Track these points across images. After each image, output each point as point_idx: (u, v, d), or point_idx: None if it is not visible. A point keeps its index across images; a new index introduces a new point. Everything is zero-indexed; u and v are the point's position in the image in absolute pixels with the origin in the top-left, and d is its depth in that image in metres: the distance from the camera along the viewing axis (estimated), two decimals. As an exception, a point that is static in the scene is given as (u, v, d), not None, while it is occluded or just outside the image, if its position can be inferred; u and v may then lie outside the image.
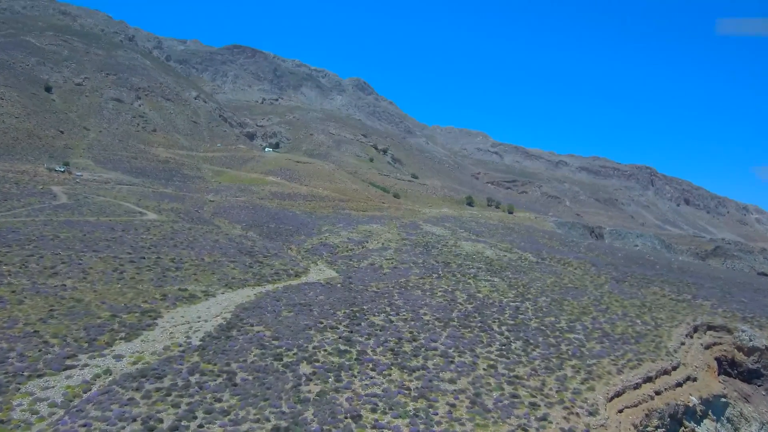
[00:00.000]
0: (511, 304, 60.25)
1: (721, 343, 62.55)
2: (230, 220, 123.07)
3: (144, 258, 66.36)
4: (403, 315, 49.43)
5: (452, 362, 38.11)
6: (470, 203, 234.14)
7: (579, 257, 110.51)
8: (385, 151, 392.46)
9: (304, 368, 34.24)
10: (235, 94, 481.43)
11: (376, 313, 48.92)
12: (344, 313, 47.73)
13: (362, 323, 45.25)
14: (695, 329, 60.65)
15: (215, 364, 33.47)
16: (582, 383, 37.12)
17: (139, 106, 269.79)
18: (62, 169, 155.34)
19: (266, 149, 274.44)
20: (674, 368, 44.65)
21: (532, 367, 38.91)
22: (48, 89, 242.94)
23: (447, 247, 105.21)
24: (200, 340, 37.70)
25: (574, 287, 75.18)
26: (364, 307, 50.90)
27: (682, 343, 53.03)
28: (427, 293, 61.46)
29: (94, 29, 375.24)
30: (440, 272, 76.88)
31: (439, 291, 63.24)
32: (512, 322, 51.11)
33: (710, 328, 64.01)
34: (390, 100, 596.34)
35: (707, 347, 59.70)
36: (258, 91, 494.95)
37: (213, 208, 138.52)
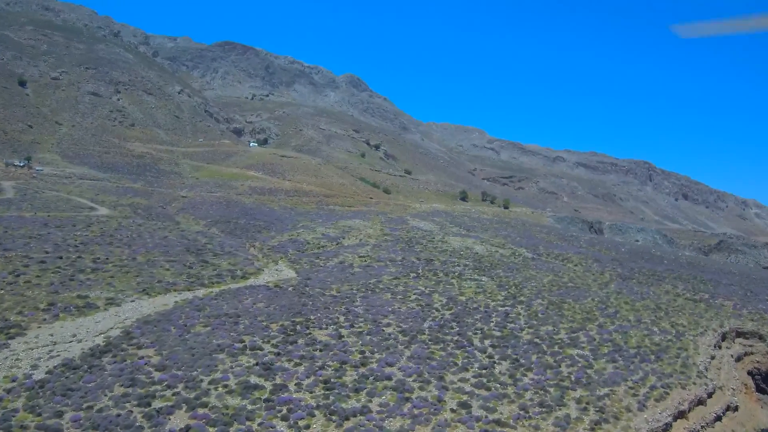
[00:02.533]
0: (500, 308, 49.40)
1: (753, 353, 51.78)
2: (196, 216, 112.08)
3: (61, 258, 55.46)
4: (359, 327, 38.54)
5: (408, 399, 27.24)
6: (464, 198, 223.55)
7: (580, 252, 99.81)
8: (377, 147, 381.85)
9: (177, 420, 23.38)
10: (224, 90, 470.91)
11: (324, 326, 38.05)
12: (281, 326, 36.82)
13: (300, 340, 34.36)
14: (723, 337, 49.86)
15: (39, 415, 22.68)
16: (592, 429, 26.38)
17: (118, 100, 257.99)
18: (22, 164, 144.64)
19: (251, 144, 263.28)
20: (710, 395, 34.00)
21: (521, 404, 28.09)
22: (22, 83, 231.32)
23: (433, 243, 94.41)
24: (47, 372, 26.92)
25: (575, 287, 64.39)
26: (311, 317, 40.01)
27: (712, 357, 42.27)
28: (398, 297, 50.58)
29: (76, 24, 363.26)
30: (419, 271, 66.05)
31: (414, 294, 52.36)
32: (499, 334, 40.24)
33: (739, 334, 53.25)
34: (384, 97, 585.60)
35: (738, 359, 48.94)
36: (249, 87, 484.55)
37: (182, 204, 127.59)
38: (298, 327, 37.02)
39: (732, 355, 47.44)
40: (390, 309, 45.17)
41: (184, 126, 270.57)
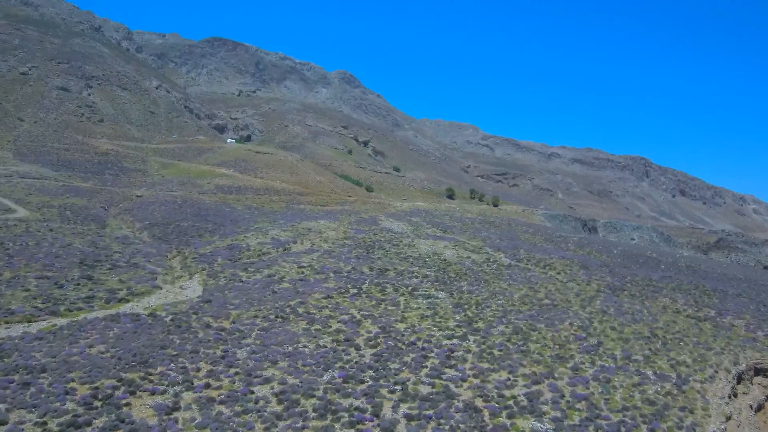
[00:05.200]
0: (445, 342, 37.58)
1: (775, 397, 39.82)
2: (137, 218, 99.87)
3: None
4: (218, 387, 26.64)
5: None
6: (451, 196, 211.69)
7: (565, 257, 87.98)
8: (366, 144, 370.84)
9: None
10: (211, 86, 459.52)
11: (165, 386, 26.13)
12: (91, 389, 24.90)
13: (98, 420, 22.32)
14: (738, 379, 37.97)
15: None
16: None
17: (88, 95, 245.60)
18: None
19: (228, 141, 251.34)
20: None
21: None
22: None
23: (398, 248, 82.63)
24: None
25: (552, 305, 52.57)
26: (158, 369, 28.10)
27: (728, 418, 30.44)
28: (315, 327, 38.66)
29: (54, 18, 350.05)
30: (365, 286, 54.20)
31: (338, 322, 40.46)
32: (427, 391, 28.40)
33: (758, 371, 41.39)
34: (378, 93, 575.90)
35: (758, 408, 37.10)
36: (239, 84, 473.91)
37: (130, 204, 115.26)
38: (121, 391, 25.10)
39: (751, 405, 35.60)
40: (290, 349, 33.24)
41: (158, 122, 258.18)
